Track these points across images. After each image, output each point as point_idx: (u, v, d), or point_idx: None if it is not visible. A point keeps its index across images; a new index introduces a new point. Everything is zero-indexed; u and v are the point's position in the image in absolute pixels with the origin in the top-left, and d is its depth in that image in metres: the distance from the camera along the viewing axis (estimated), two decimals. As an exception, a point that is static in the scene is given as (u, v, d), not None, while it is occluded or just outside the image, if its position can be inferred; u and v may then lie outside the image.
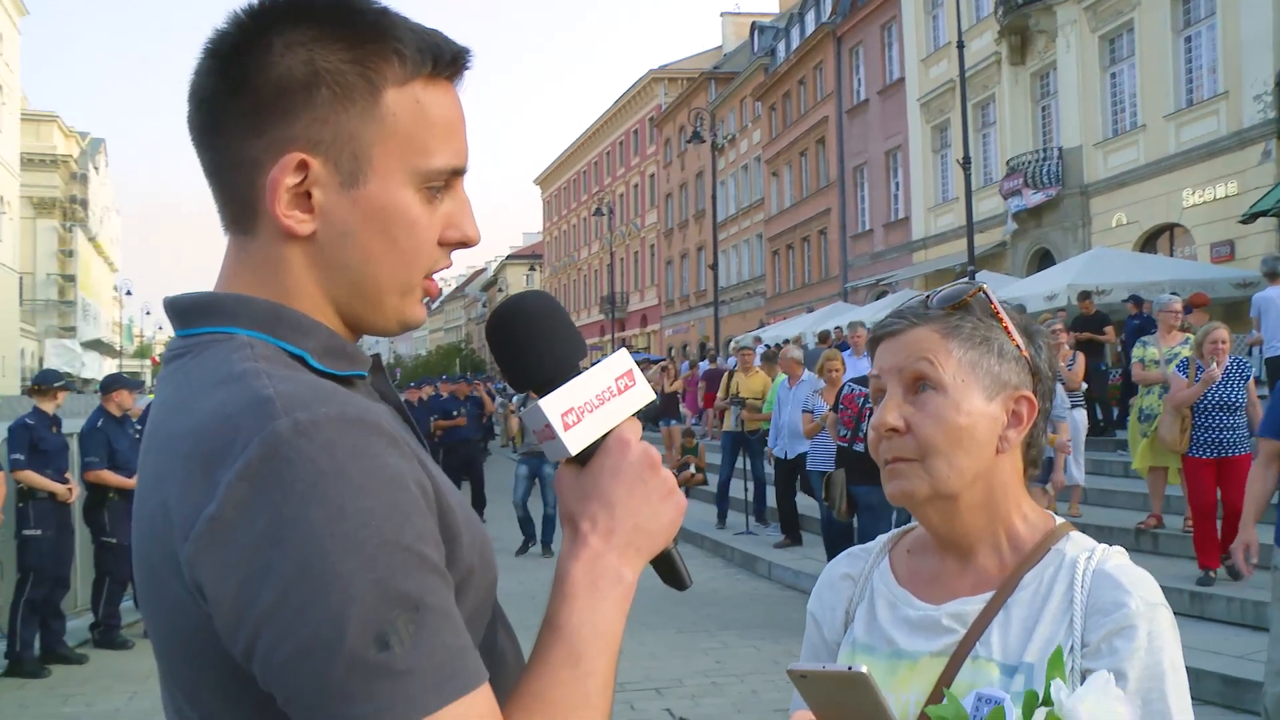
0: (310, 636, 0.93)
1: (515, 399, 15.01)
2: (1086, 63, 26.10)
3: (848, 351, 13.07)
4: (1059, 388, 9.41)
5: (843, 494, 8.93)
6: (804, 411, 11.10)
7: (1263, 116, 20.77)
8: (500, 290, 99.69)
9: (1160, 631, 1.41)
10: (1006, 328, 1.53)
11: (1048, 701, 1.18)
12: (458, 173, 1.18)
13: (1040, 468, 1.61)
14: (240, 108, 1.11)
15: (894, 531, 1.74)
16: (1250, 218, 19.07)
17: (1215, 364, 8.38)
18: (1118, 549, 1.53)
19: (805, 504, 13.09)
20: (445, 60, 1.16)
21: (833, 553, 10.74)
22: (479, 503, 17.14)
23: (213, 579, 0.96)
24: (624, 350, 1.23)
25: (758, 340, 25.44)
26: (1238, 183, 21.36)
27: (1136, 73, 24.72)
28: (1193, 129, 22.94)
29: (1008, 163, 28.23)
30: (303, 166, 1.10)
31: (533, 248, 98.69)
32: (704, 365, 27.58)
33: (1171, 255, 23.52)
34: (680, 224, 59.04)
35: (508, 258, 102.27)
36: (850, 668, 1.24)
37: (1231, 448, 8.49)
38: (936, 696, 1.46)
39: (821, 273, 42.60)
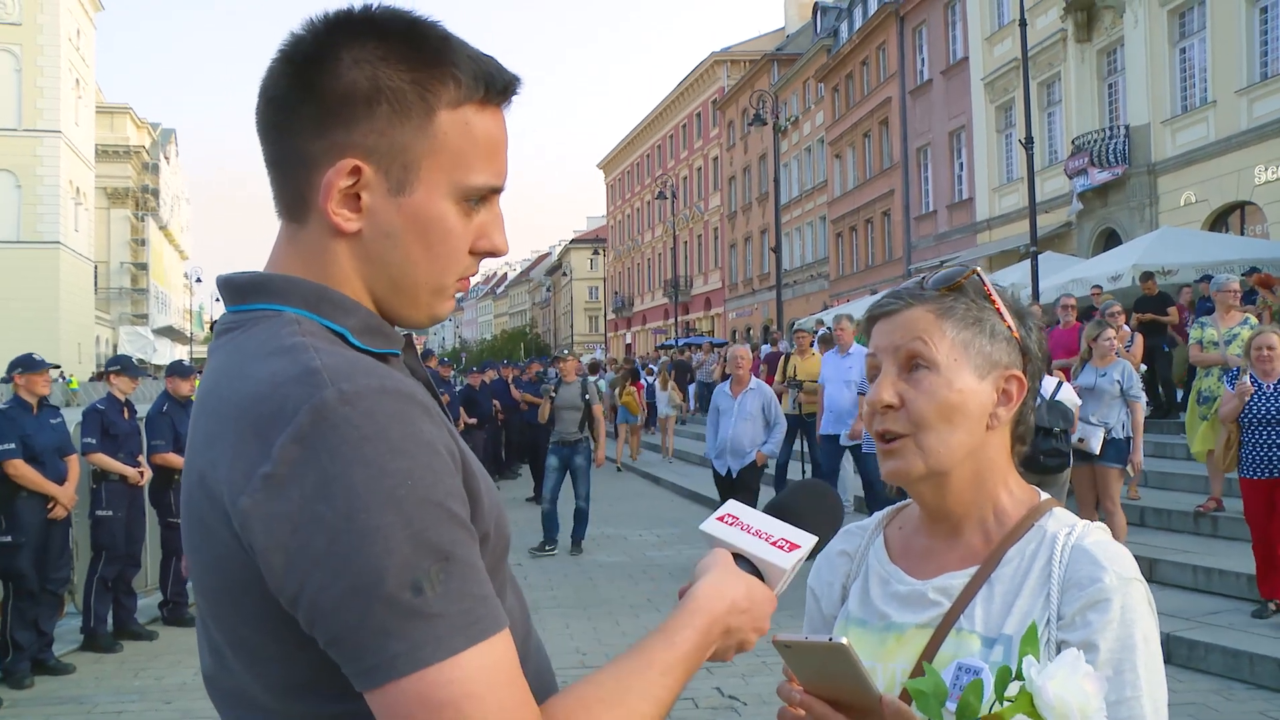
0: (354, 581, 1.05)
1: (551, 380, 14.56)
2: (1155, 38, 25.63)
3: (833, 350, 12.50)
4: (1130, 368, 9.31)
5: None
6: (860, 394, 11.12)
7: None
8: (565, 275, 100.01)
9: (1133, 605, 1.48)
10: (999, 309, 1.60)
11: (1021, 676, 1.25)
12: (495, 191, 1.30)
13: (1028, 444, 1.69)
14: (306, 111, 1.23)
15: (889, 509, 1.82)
16: (1322, 195, 18.68)
17: (1248, 375, 7.69)
18: (1098, 525, 1.60)
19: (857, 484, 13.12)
20: (497, 89, 1.28)
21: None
22: (537, 486, 17.35)
23: (265, 530, 1.07)
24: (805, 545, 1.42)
25: (819, 324, 25.39)
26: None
27: (1207, 46, 24.23)
28: (1266, 104, 22.48)
29: (1073, 142, 27.84)
30: (356, 171, 1.22)
31: (596, 231, 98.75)
32: (765, 348, 27.55)
33: (1242, 234, 23.10)
34: (743, 207, 58.88)
35: (571, 242, 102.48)
36: (831, 639, 1.34)
37: None
38: (921, 665, 1.54)
39: (885, 254, 42.33)
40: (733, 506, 1.44)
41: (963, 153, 36.16)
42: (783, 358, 15.64)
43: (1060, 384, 8.18)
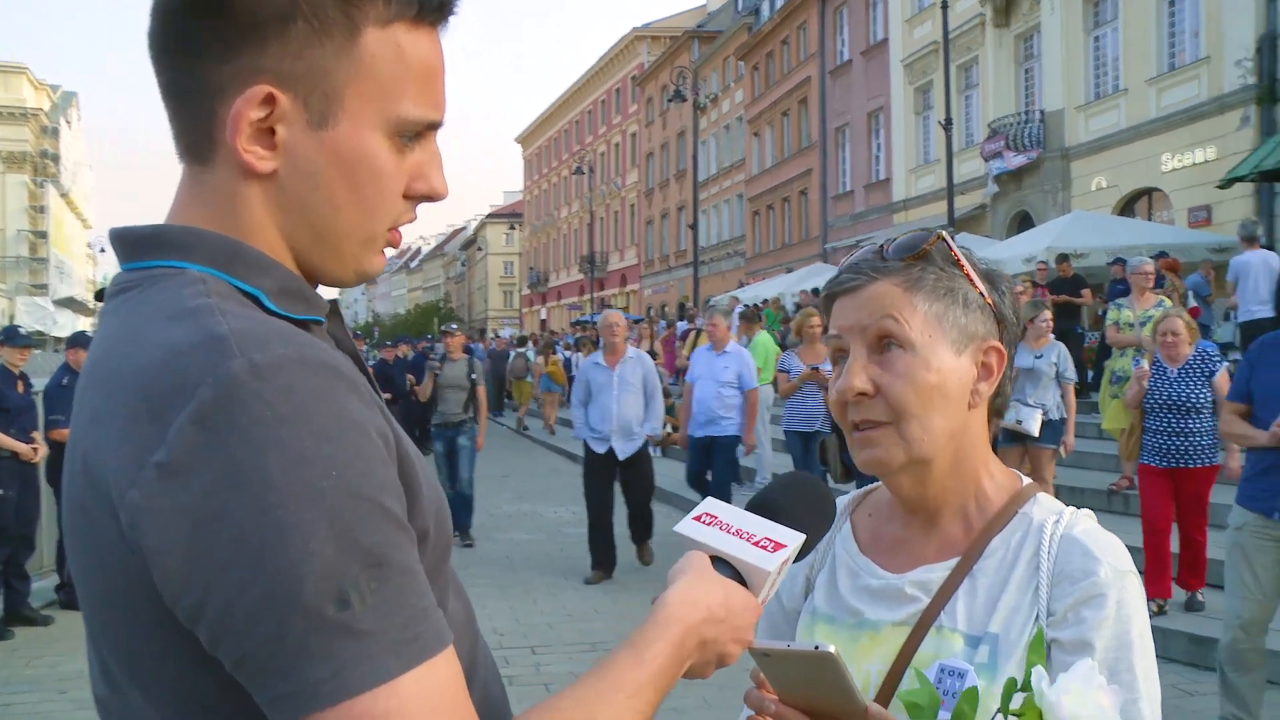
0: (266, 591, 0.88)
1: (437, 358, 13.44)
2: (1070, 25, 25.96)
3: (706, 347, 11.34)
4: (1064, 349, 9.33)
5: (837, 458, 8.95)
6: (780, 371, 11.06)
7: (1242, 82, 20.76)
8: (480, 250, 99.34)
9: (1129, 600, 1.38)
10: (969, 275, 1.47)
11: (1026, 687, 1.13)
12: (433, 126, 1.13)
13: (1004, 417, 1.56)
14: (207, 28, 1.04)
15: (854, 494, 1.70)
16: (1228, 183, 19.04)
17: (1150, 359, 7.46)
18: (1086, 512, 1.49)
19: (786, 462, 13.09)
20: (431, 6, 1.10)
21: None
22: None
23: (158, 531, 0.91)
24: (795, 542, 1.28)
25: (735, 300, 25.44)
26: (1216, 148, 21.35)
27: (1119, 36, 24.66)
28: (1174, 93, 22.93)
29: (990, 125, 28.16)
30: (269, 100, 1.04)
31: (513, 206, 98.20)
32: (682, 325, 27.53)
33: (1150, 219, 23.57)
34: (661, 183, 58.80)
35: (488, 216, 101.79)
36: (817, 647, 1.22)
37: (1187, 457, 7.19)
38: (899, 666, 1.44)
39: (802, 233, 42.52)
40: (711, 505, 1.31)
41: (881, 133, 36.39)
42: (693, 333, 15.56)
43: None
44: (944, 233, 1.48)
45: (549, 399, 26.18)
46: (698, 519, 1.28)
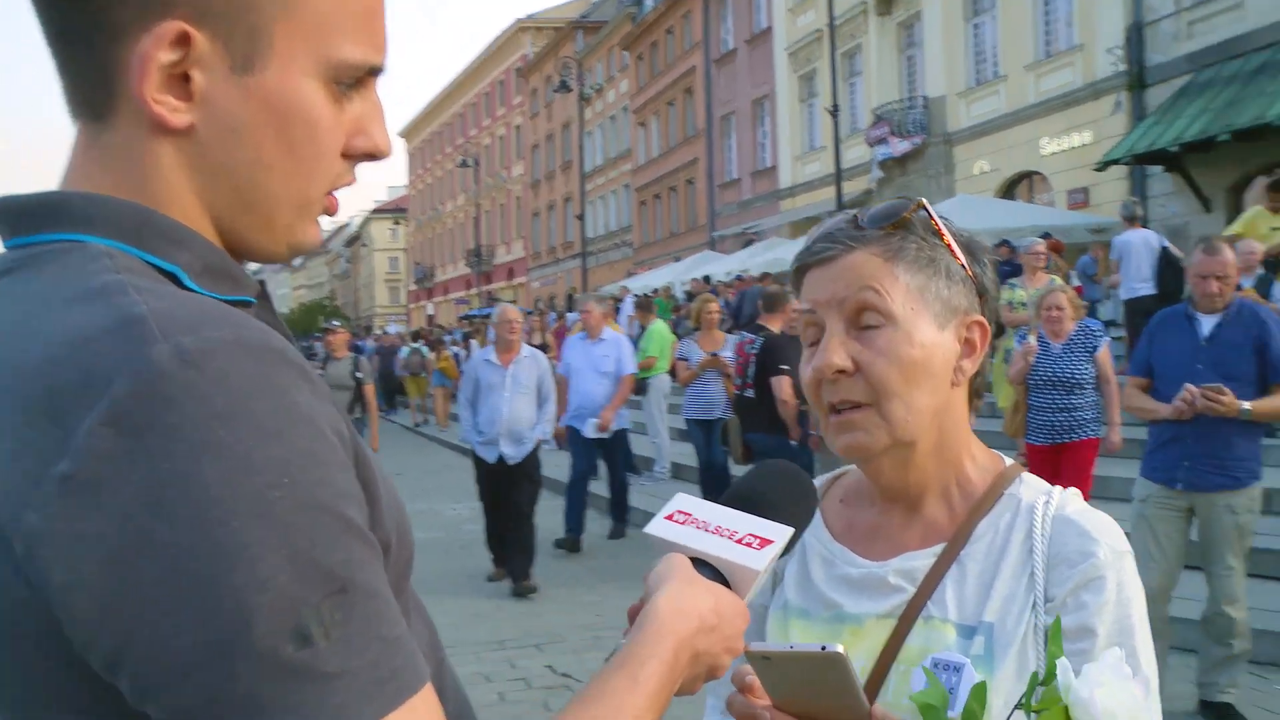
0: (205, 633, 0.72)
1: (319, 360, 12.80)
2: (950, 13, 26.38)
3: (579, 336, 10.82)
4: None
5: (739, 441, 8.92)
6: (679, 359, 10.99)
7: (1114, 69, 21.30)
8: (365, 246, 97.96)
9: (1128, 581, 1.31)
10: (950, 246, 1.38)
11: (1048, 680, 1.03)
12: (374, 71, 0.97)
13: (981, 398, 1.48)
14: None
15: (823, 478, 1.59)
16: (1103, 166, 19.59)
17: (1035, 335, 7.19)
18: (1073, 491, 1.42)
19: (686, 450, 13.04)
20: None
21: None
22: None
23: (64, 561, 0.73)
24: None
25: (625, 290, 25.42)
26: (1092, 132, 21.92)
27: (998, 24, 25.11)
28: (1050, 80, 23.45)
29: (874, 111, 28.50)
30: (183, 40, 0.86)
31: (397, 201, 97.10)
32: (572, 317, 27.39)
33: (1031, 201, 24.11)
34: (547, 175, 58.49)
35: (372, 212, 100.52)
36: (824, 647, 1.11)
37: (1069, 432, 7.06)
38: (884, 662, 1.34)
39: (689, 222, 42.61)
40: (683, 501, 1.19)
41: (766, 121, 36.61)
42: (579, 326, 15.45)
43: None
44: (924, 201, 1.38)
45: (441, 394, 25.97)
46: (670, 518, 1.16)
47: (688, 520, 1.15)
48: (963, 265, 1.38)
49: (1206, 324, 5.27)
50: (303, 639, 0.74)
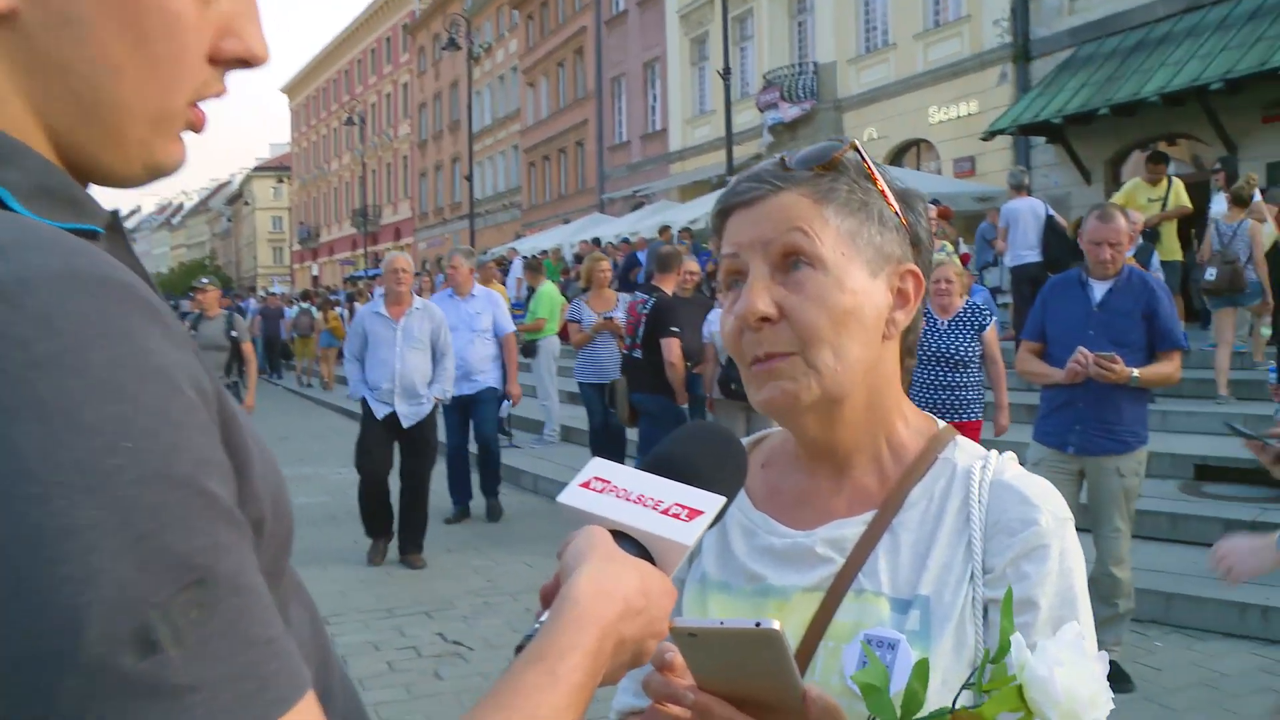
0: (20, 642, 0.58)
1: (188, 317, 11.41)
2: (840, -21, 26.48)
3: (446, 293, 10.10)
4: None
5: (625, 401, 8.84)
6: (570, 321, 10.87)
7: (1000, 40, 21.71)
8: (247, 204, 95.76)
9: (1070, 550, 1.25)
10: (883, 191, 1.29)
11: (999, 657, 0.96)
12: None
13: (915, 357, 1.41)
14: None
15: (746, 440, 1.48)
16: (989, 136, 19.92)
17: (936, 306, 6.92)
18: (1009, 455, 1.35)
19: (575, 413, 12.95)
20: None
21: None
22: None
23: None
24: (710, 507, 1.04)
25: (513, 252, 25.24)
26: (978, 102, 22.30)
27: (888, -9, 25.27)
28: (939, 49, 23.76)
29: (765, 76, 28.53)
30: None
31: (280, 159, 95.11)
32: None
33: (919, 169, 24.42)
34: (435, 135, 57.68)
35: (254, 169, 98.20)
36: (759, 624, 1.00)
37: (953, 412, 6.77)
38: (812, 637, 1.25)
39: (578, 184, 42.36)
40: (600, 467, 1.08)
41: (657, 84, 36.45)
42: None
43: None
44: (857, 142, 1.29)
45: (327, 355, 25.63)
46: (586, 485, 1.06)
47: (606, 488, 1.04)
48: (896, 212, 1.30)
49: (1099, 290, 5.34)
50: (147, 646, 0.60)
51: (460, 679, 5.86)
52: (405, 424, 8.27)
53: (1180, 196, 11.90)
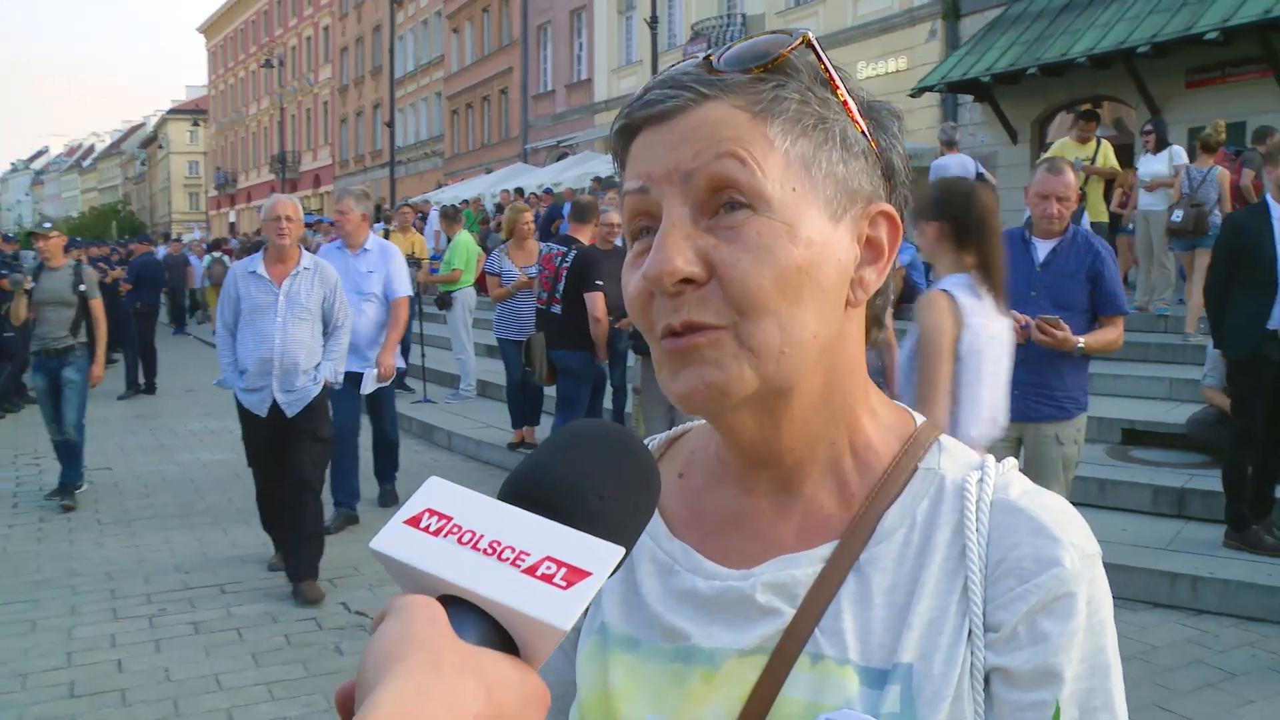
0: None
1: (26, 266, 10.29)
2: (770, -70, 26.12)
3: (335, 243, 8.36)
4: None
5: (543, 359, 8.47)
6: (490, 274, 10.48)
7: (929, -3, 21.53)
8: (161, 148, 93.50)
9: (1100, 599, 0.90)
10: (846, 104, 0.92)
11: None
12: None
13: (884, 327, 1.04)
14: None
15: (654, 440, 1.12)
16: (918, 93, 19.75)
17: None
18: (1010, 461, 0.98)
19: (492, 368, 12.60)
20: None
21: (521, 422, 10.31)
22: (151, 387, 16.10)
23: None
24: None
25: (428, 203, 24.79)
26: (907, 59, 22.15)
27: (817, -57, 24.96)
28: (868, 4, 23.54)
29: (692, 27, 28.21)
30: None
31: (197, 102, 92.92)
32: (379, 226, 26.48)
33: (845, 125, 24.29)
34: (356, 80, 56.45)
35: (169, 112, 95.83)
36: None
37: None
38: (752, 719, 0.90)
39: (502, 134, 41.70)
40: (439, 492, 0.71)
41: (583, 33, 35.91)
42: (384, 236, 14.89)
43: None
44: (810, 35, 0.91)
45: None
46: (414, 522, 0.69)
47: (445, 528, 0.68)
48: (864, 132, 0.93)
49: (1042, 249, 5.09)
50: None
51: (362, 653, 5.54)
52: (289, 413, 6.48)
53: (1109, 157, 11.77)
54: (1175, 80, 16.48)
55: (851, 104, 0.92)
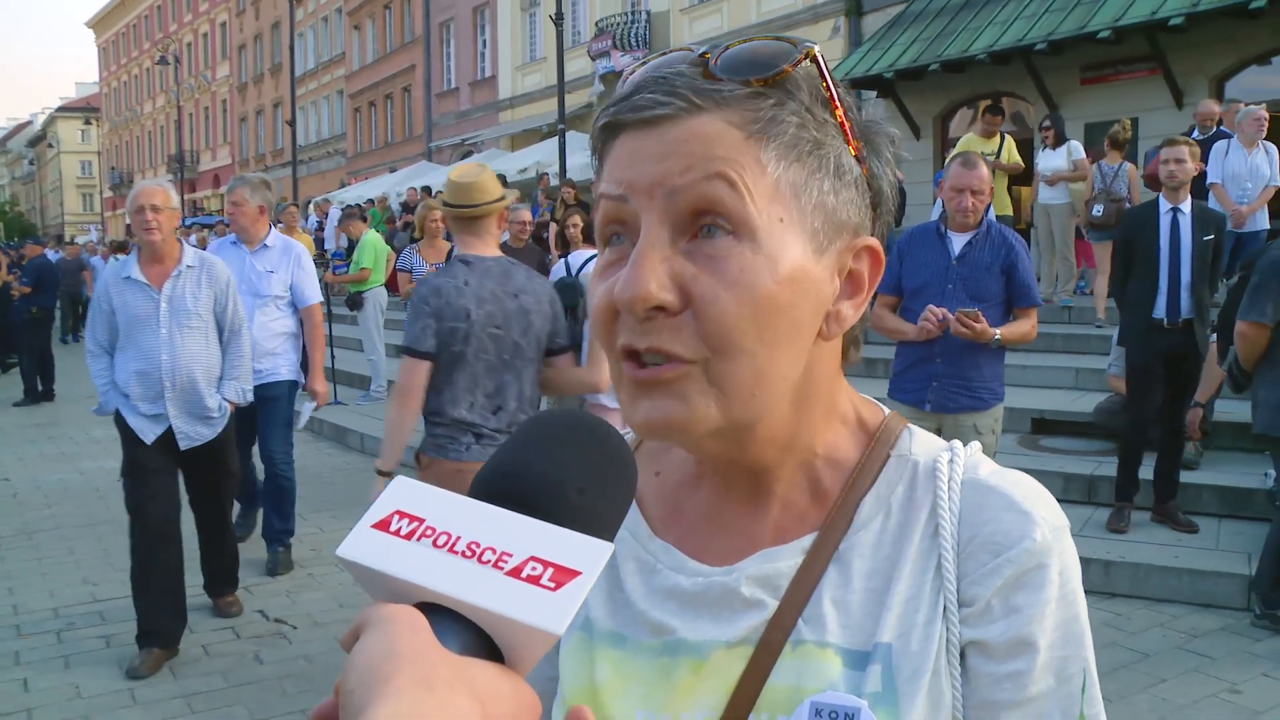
0: None
1: None
2: (673, -73, 26.20)
3: (228, 240, 7.25)
4: None
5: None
6: (400, 270, 10.36)
7: (833, -8, 21.77)
8: (51, 146, 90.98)
9: (1070, 569, 0.92)
10: (844, 126, 0.90)
11: None
12: None
13: (860, 348, 1.04)
14: None
15: (629, 435, 1.09)
16: (822, 88, 19.95)
17: None
18: (976, 445, 1.00)
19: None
20: None
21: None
22: (29, 387, 15.59)
23: None
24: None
25: (328, 203, 24.50)
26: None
27: (720, -59, 25.10)
28: (772, 1, 23.70)
29: (597, 24, 28.17)
30: None
31: (88, 99, 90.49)
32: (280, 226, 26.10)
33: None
34: (255, 78, 55.50)
35: (58, 109, 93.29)
36: None
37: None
38: (739, 708, 0.91)
39: (405, 132, 41.29)
40: (406, 492, 0.67)
41: (487, 30, 35.68)
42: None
43: (594, 257, 7.97)
44: (817, 49, 0.88)
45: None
46: (383, 525, 0.65)
47: (417, 530, 0.64)
48: (858, 157, 0.91)
49: (958, 242, 5.17)
50: None
51: (282, 662, 5.43)
52: (184, 445, 5.48)
53: (1012, 153, 11.99)
54: (1071, 77, 16.85)
55: (849, 126, 0.91)
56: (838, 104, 0.89)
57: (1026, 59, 16.54)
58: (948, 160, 5.47)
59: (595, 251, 1.28)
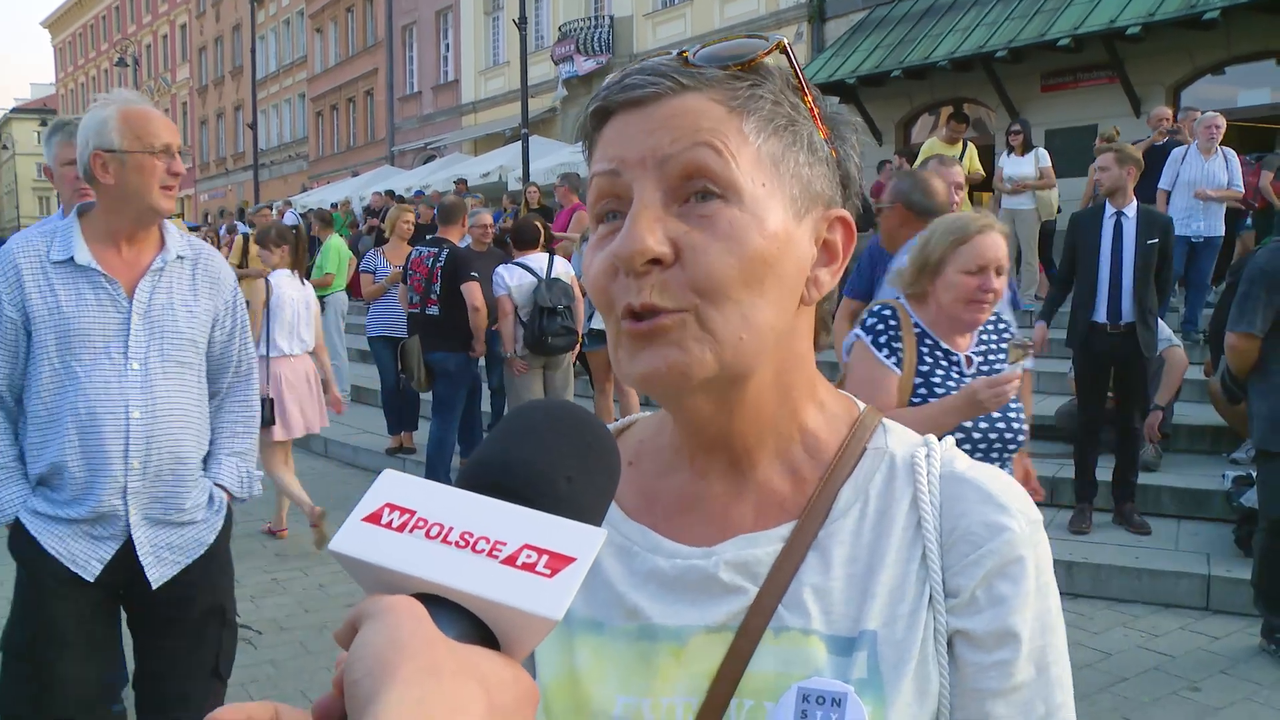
0: None
1: None
2: (636, -68, 26.27)
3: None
4: None
5: (419, 363, 8.37)
6: (363, 272, 10.32)
7: (796, 1, 21.81)
8: (6, 149, 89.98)
9: (1044, 561, 0.96)
10: (813, 111, 0.97)
11: None
12: None
13: (830, 332, 1.08)
14: None
15: (608, 428, 1.13)
16: (785, 93, 20.09)
17: None
18: (950, 439, 1.04)
19: (365, 373, 12.41)
20: None
21: (398, 427, 10.17)
22: None
23: None
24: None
25: (286, 205, 24.39)
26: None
27: (685, -54, 25.19)
28: (736, 7, 23.89)
29: (560, 29, 28.19)
30: None
31: (44, 101, 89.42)
32: (242, 228, 25.94)
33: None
34: (215, 81, 55.13)
35: (13, 111, 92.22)
36: None
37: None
38: (720, 695, 0.92)
39: (367, 135, 41.15)
40: (395, 485, 0.68)
41: (450, 34, 35.66)
42: (240, 240, 14.67)
43: (553, 258, 8.03)
44: (786, 41, 0.96)
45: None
46: (375, 519, 0.65)
47: (409, 522, 0.65)
48: (827, 139, 0.98)
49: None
50: None
51: (247, 668, 5.38)
52: (156, 579, 3.12)
53: (974, 160, 12.07)
54: (1031, 84, 17.05)
55: (817, 111, 0.97)
56: (807, 91, 0.98)
57: (988, 66, 16.71)
58: (916, 164, 5.54)
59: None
